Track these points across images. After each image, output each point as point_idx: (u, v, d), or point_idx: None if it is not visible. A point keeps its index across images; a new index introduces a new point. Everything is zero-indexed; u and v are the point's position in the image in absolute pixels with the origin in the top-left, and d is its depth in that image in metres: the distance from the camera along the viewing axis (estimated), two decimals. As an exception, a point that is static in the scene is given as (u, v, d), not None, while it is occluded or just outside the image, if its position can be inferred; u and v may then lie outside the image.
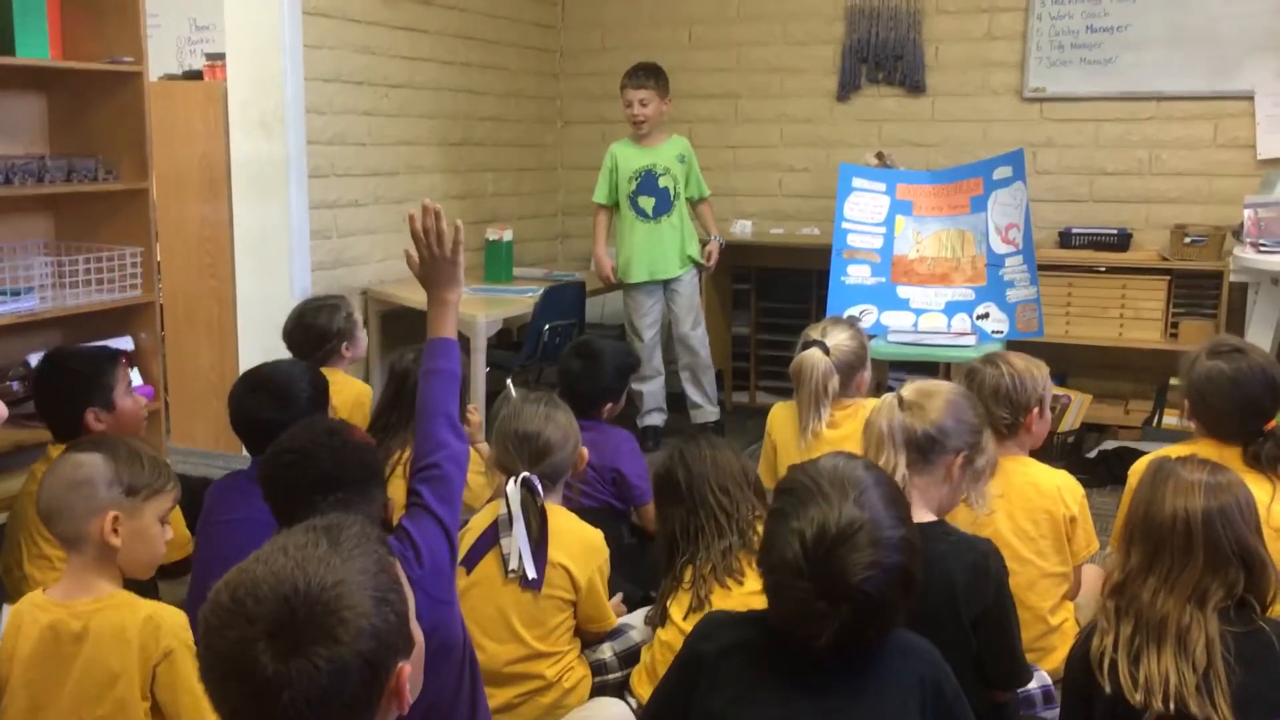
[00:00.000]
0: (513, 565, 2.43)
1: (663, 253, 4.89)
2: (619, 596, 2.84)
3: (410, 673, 1.24)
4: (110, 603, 1.98)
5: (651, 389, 5.01)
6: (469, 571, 2.49)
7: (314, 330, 3.56)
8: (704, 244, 5.01)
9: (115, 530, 1.99)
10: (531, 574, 2.42)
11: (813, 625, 1.52)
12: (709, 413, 5.06)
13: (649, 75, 4.85)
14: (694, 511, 2.44)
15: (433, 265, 2.07)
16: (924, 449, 2.20)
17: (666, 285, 4.96)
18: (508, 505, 2.46)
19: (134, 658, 1.93)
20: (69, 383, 2.87)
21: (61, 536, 2.03)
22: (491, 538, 2.50)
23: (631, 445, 3.30)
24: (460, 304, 2.14)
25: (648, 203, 4.89)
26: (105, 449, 2.05)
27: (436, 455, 1.99)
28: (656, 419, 5.01)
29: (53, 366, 2.91)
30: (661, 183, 4.88)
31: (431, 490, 1.96)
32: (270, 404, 2.69)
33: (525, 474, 2.49)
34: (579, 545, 2.52)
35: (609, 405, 3.38)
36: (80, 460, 2.02)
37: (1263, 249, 4.16)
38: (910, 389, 2.27)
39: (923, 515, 2.13)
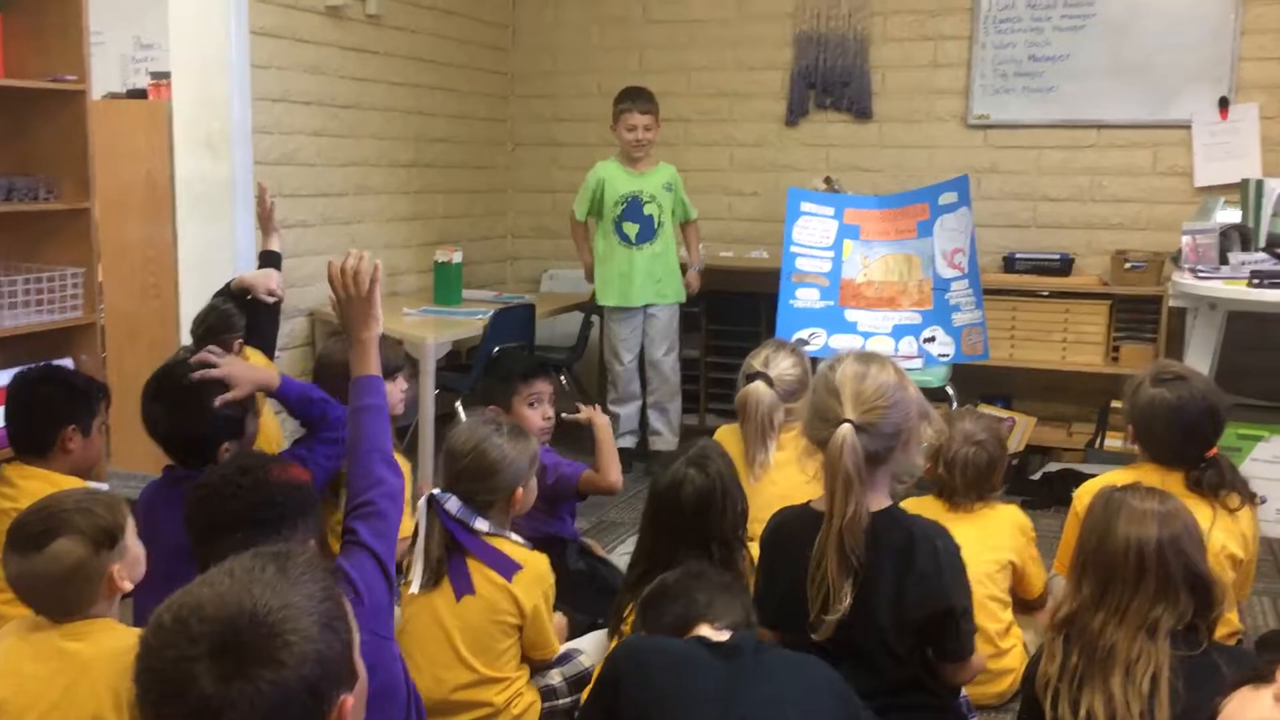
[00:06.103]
0: (414, 586, 2.45)
1: (638, 279, 4.90)
2: (558, 615, 2.82)
3: (353, 706, 1.22)
4: (105, 625, 1.93)
5: (628, 412, 5.05)
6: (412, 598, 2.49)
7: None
8: (685, 269, 5.06)
9: (121, 576, 1.94)
10: (415, 588, 2.46)
11: None
12: (668, 441, 5.07)
13: (651, 100, 4.88)
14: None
15: (348, 305, 2.14)
16: (881, 457, 2.13)
17: (646, 310, 4.98)
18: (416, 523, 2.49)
19: (126, 681, 1.86)
20: (56, 396, 2.71)
21: (73, 613, 1.93)
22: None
23: (549, 452, 3.24)
24: (411, 326, 2.15)
25: (631, 229, 4.91)
26: (58, 524, 1.91)
27: (372, 493, 2.02)
28: (628, 441, 5.02)
29: (40, 379, 2.74)
30: (647, 210, 4.91)
31: (368, 526, 1.98)
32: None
33: (431, 492, 2.52)
34: (525, 571, 2.51)
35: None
36: (57, 553, 1.87)
37: (1200, 274, 4.24)
38: (854, 406, 2.09)
39: (881, 502, 2.15)
